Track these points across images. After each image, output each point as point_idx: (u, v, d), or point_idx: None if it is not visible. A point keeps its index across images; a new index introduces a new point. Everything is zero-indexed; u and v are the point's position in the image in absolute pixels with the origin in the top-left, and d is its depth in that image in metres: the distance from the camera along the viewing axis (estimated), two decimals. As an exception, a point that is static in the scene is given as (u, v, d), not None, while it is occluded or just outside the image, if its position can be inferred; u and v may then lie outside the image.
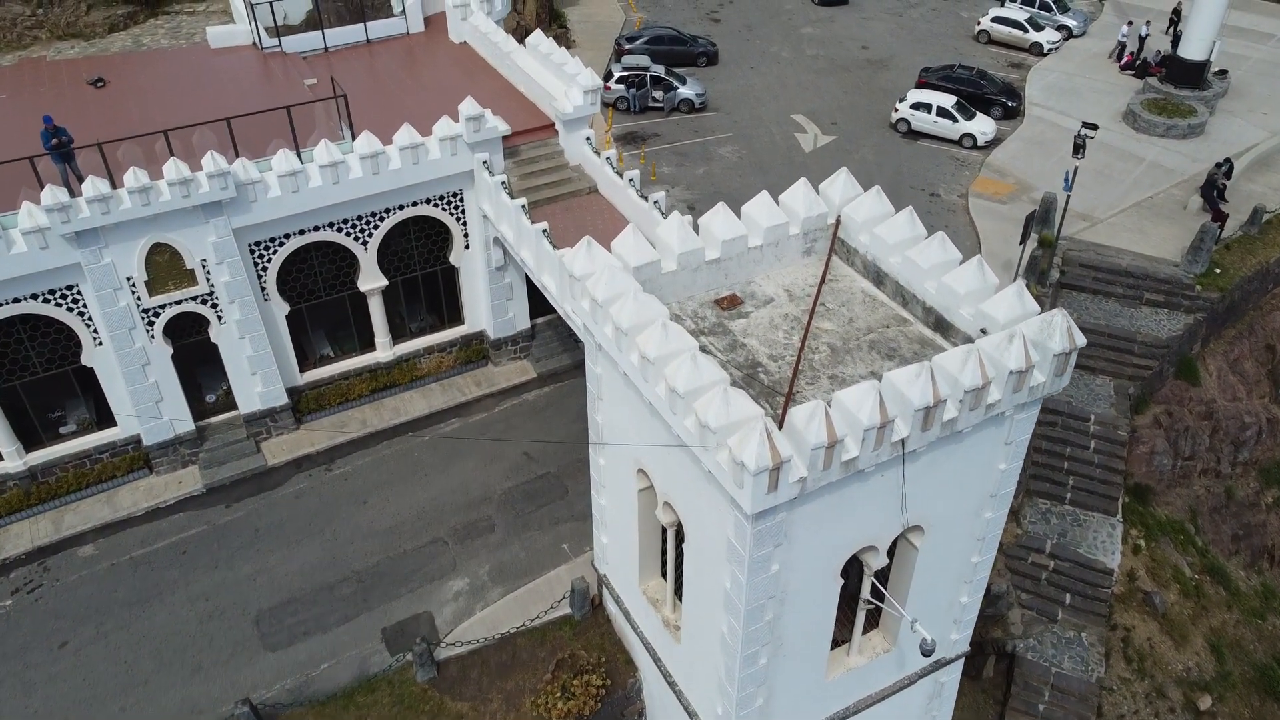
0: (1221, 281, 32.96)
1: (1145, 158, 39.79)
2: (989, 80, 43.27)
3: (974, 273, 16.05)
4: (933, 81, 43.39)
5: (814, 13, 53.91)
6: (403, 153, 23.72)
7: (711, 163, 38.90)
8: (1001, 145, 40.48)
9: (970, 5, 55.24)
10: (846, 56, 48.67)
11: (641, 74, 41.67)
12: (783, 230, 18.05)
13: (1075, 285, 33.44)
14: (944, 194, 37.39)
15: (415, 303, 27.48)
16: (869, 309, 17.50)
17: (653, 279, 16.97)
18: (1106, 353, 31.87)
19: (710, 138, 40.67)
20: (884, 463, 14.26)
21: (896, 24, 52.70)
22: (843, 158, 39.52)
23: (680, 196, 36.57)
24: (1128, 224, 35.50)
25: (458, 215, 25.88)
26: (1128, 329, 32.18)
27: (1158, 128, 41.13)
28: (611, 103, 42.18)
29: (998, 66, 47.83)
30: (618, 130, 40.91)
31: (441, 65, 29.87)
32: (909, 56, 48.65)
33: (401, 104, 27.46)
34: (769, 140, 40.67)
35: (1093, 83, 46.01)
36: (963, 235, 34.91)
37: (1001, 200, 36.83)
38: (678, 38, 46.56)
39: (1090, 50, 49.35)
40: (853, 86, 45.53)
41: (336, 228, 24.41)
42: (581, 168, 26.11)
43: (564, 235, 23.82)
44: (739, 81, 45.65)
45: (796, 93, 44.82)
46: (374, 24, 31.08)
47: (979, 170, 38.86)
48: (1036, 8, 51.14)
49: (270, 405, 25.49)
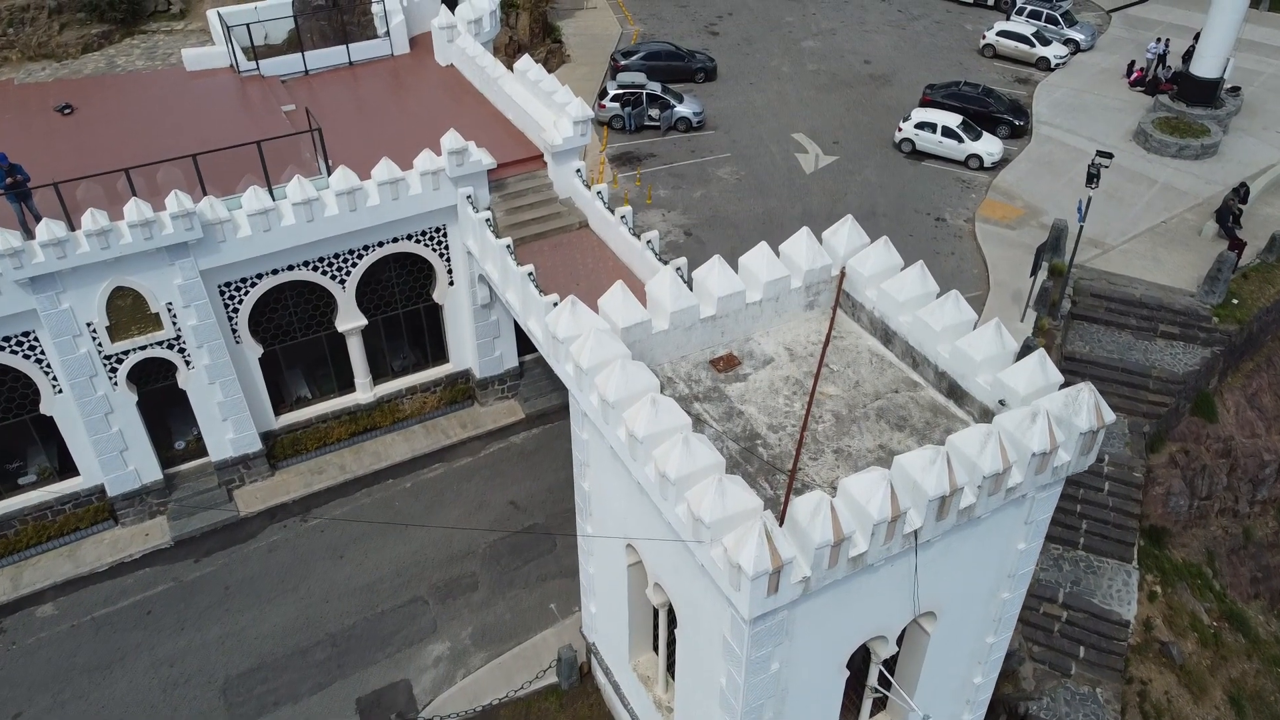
0: (1239, 313, 31.68)
1: (1157, 180, 38.51)
2: (995, 98, 42.00)
3: (991, 338, 14.76)
4: (937, 99, 42.12)
5: (815, 25, 52.64)
6: (381, 188, 22.45)
7: (710, 184, 37.62)
8: (1009, 166, 39.20)
9: (975, 18, 53.98)
10: (848, 71, 47.40)
11: (637, 92, 40.39)
12: (783, 284, 16.78)
13: (1087, 316, 32.15)
14: (950, 218, 36.11)
15: (397, 341, 26.20)
16: (877, 371, 16.21)
17: (643, 340, 15.70)
18: (1120, 389, 30.56)
19: (708, 158, 39.39)
20: (894, 554, 12.98)
21: (899, 37, 51.43)
22: (845, 179, 38.26)
23: (677, 221, 35.30)
24: (1141, 251, 34.22)
25: (441, 251, 24.61)
26: (1142, 363, 30.88)
27: (1170, 148, 39.85)
28: (606, 121, 40.89)
29: (1004, 82, 46.57)
30: (613, 150, 39.64)
31: (427, 90, 28.59)
32: (912, 71, 47.37)
33: (384, 132, 26.20)
34: (769, 161, 39.40)
35: (1102, 99, 44.74)
36: (970, 262, 33.65)
37: (1009, 225, 35.54)
38: (675, 53, 45.28)
39: (1099, 65, 48.07)
40: (855, 103, 44.25)
41: (312, 266, 23.13)
42: (572, 201, 24.83)
43: (552, 275, 22.57)
44: (738, 98, 44.37)
45: (797, 110, 43.54)
46: (357, 46, 29.80)
47: (986, 193, 37.57)
48: (1043, 21, 49.87)
49: (243, 452, 24.20)
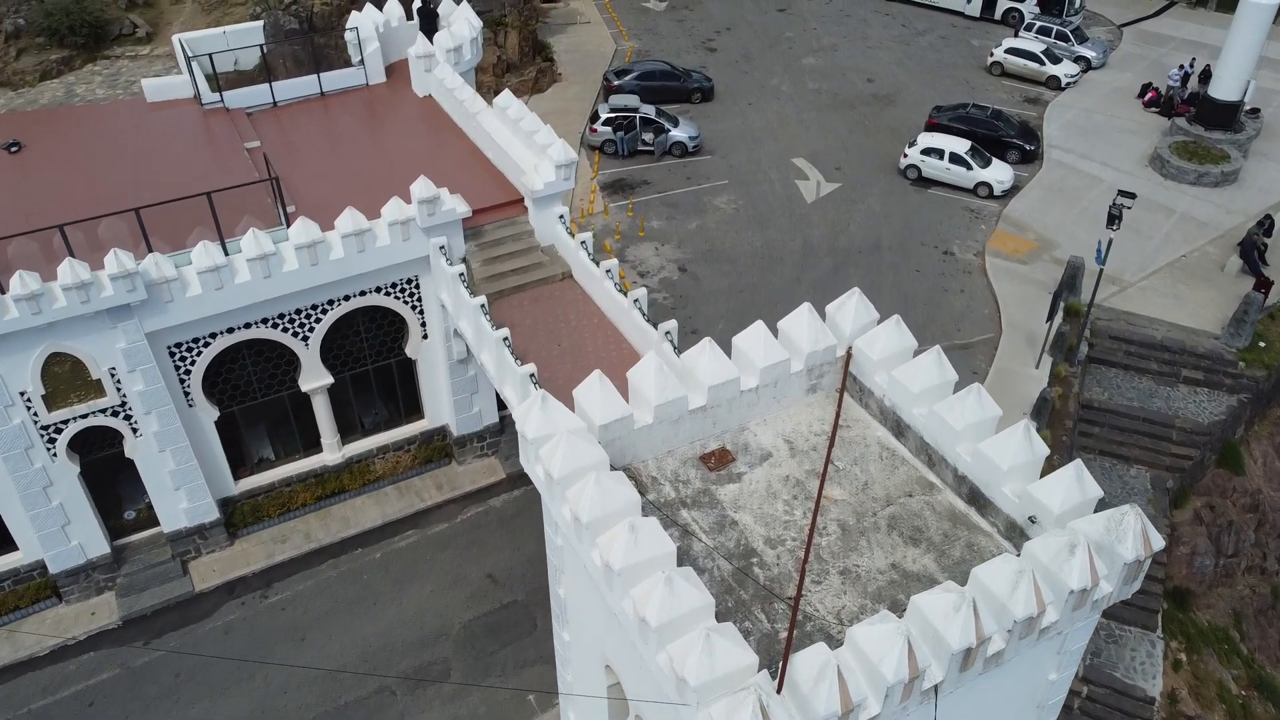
0: (1267, 357, 29.87)
1: (1176, 209, 36.69)
2: (1005, 121, 40.17)
3: (1019, 443, 12.93)
4: (944, 122, 40.29)
5: (816, 40, 50.82)
6: (346, 240, 20.65)
7: (705, 214, 35.80)
8: (1020, 194, 37.37)
9: (981, 33, 52.16)
10: (851, 91, 45.57)
11: (630, 115, 38.58)
12: (782, 369, 14.96)
13: (1105, 360, 30.34)
14: (958, 251, 34.28)
15: (367, 397, 24.39)
16: (888, 468, 14.39)
17: (624, 436, 13.89)
18: (1142, 439, 28.77)
19: (704, 185, 37.58)
20: (910, 709, 11.17)
21: (903, 53, 49.61)
22: (848, 208, 36.44)
23: (671, 255, 33.47)
24: (1161, 288, 32.41)
25: (413, 303, 22.79)
26: (1164, 412, 29.07)
27: (1188, 175, 38.05)
28: (598, 146, 39.09)
29: (1013, 102, 44.76)
30: (604, 177, 37.82)
31: (402, 123, 26.79)
32: (918, 91, 45.56)
33: (355, 170, 24.41)
34: (768, 188, 37.58)
35: (1115, 121, 42.94)
36: (980, 301, 31.82)
37: (1021, 260, 33.72)
38: (670, 73, 43.45)
39: (1112, 84, 46.25)
40: (858, 125, 42.44)
41: (272, 323, 21.32)
42: (555, 249, 23.02)
43: (532, 334, 20.78)
44: (736, 120, 42.55)
45: (798, 132, 41.73)
46: (329, 75, 27.99)
47: (996, 223, 35.76)
48: (1053, 38, 48.04)
49: (199, 522, 22.39)
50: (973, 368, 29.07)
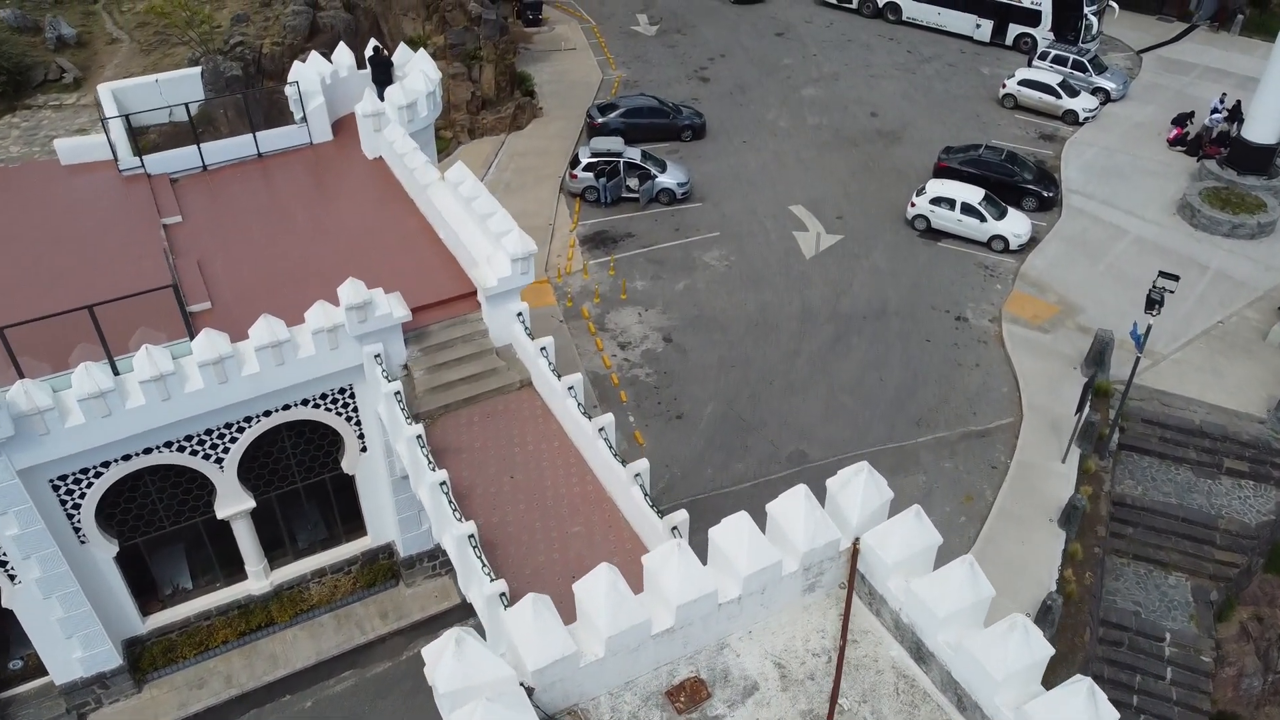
0: (1319, 445, 26.76)
1: (1209, 265, 33.55)
2: (1021, 165, 37.02)
3: (1082, 709, 9.78)
4: (954, 166, 37.16)
5: (816, 68, 47.67)
6: (261, 353, 17.50)
7: (695, 272, 32.66)
8: (1038, 248, 34.23)
9: (992, 59, 49.00)
10: (853, 126, 42.43)
11: (614, 160, 35.44)
12: (772, 572, 11.84)
13: (1138, 447, 27.22)
14: (972, 317, 31.14)
15: (299, 516, 21.26)
16: (905, 707, 11.27)
17: (568, 676, 10.78)
18: (1182, 543, 25.66)
19: (694, 238, 34.44)
20: None
21: (909, 83, 46.44)
22: (850, 265, 33.31)
23: (655, 322, 30.32)
24: (1197, 360, 29.28)
25: (348, 415, 19.67)
26: (1206, 511, 25.96)
27: (1221, 225, 34.91)
28: (579, 193, 35.96)
29: (1027, 139, 41.63)
30: (585, 229, 34.67)
31: (348, 192, 23.68)
32: (925, 126, 42.43)
33: (288, 252, 21.32)
34: (763, 241, 34.44)
35: (1139, 161, 39.80)
36: (998, 377, 28.68)
37: (1042, 327, 30.57)
38: (658, 109, 40.31)
39: (1133, 119, 43.10)
40: (861, 166, 39.30)
41: (178, 447, 18.20)
42: (512, 350, 19.90)
43: (482, 462, 17.69)
44: (729, 160, 39.42)
45: (796, 175, 38.60)
46: (268, 134, 24.88)
47: (1013, 282, 32.62)
48: (1069, 67, 44.88)
49: (97, 670, 19.26)
50: (991, 460, 25.93)
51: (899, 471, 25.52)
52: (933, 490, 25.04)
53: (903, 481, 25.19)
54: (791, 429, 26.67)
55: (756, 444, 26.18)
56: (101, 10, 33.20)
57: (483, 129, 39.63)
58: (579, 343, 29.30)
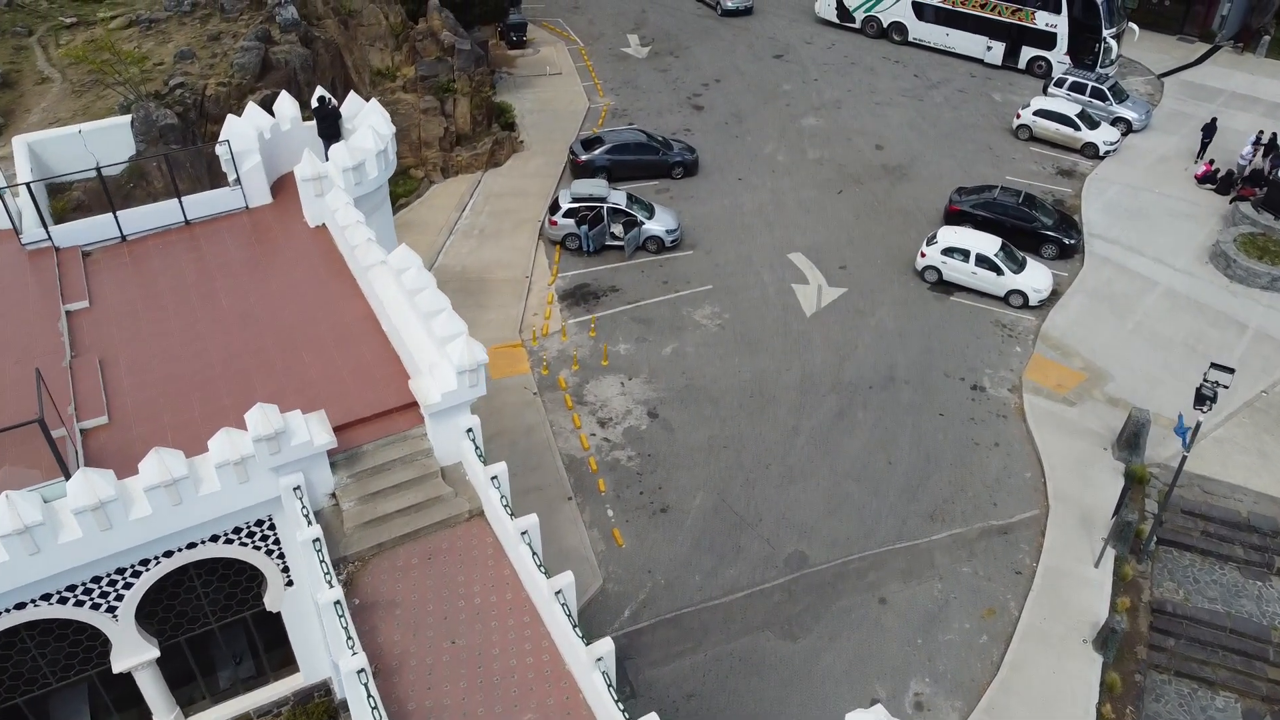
0: (1383, 543, 23.85)
1: (1248, 324, 30.64)
2: (1040, 209, 34.08)
3: None
4: (967, 209, 34.25)
5: (817, 95, 44.74)
6: (153, 494, 14.60)
7: (684, 333, 29.74)
8: (1059, 303, 31.31)
9: (1003, 84, 46.10)
10: (857, 160, 39.51)
11: (597, 205, 32.54)
12: None
13: (1179, 543, 24.32)
14: (989, 385, 28.21)
15: (218, 657, 18.34)
16: None
17: None
18: (1229, 658, 22.72)
19: (684, 292, 31.51)
20: None
21: (916, 111, 43.51)
22: (855, 324, 30.39)
23: (640, 394, 27.40)
24: (1241, 440, 26.37)
25: (269, 548, 16.76)
26: (1257, 622, 23.05)
27: (1260, 278, 32.00)
28: (559, 241, 33.05)
29: (1044, 175, 38.74)
30: (565, 282, 31.73)
31: (285, 267, 20.78)
32: (934, 160, 39.51)
33: (208, 348, 18.41)
34: (760, 295, 31.52)
35: (1165, 200, 36.90)
36: (1019, 460, 25.75)
37: (1067, 399, 27.65)
38: (647, 144, 37.38)
39: (1157, 152, 40.20)
40: (865, 207, 36.38)
41: (58, 599, 15.29)
42: (461, 471, 17.00)
43: (418, 620, 14.87)
44: (723, 200, 36.50)
45: (795, 217, 35.68)
46: (197, 199, 21.99)
47: (1033, 344, 29.69)
48: (1088, 95, 41.97)
49: None
50: (1015, 564, 23.00)
51: (912, 578, 22.60)
52: (949, 601, 22.11)
53: (916, 591, 22.28)
54: (790, 525, 23.74)
55: (750, 544, 23.26)
56: (35, 45, 30.32)
57: (457, 167, 36.72)
58: (554, 419, 26.39)
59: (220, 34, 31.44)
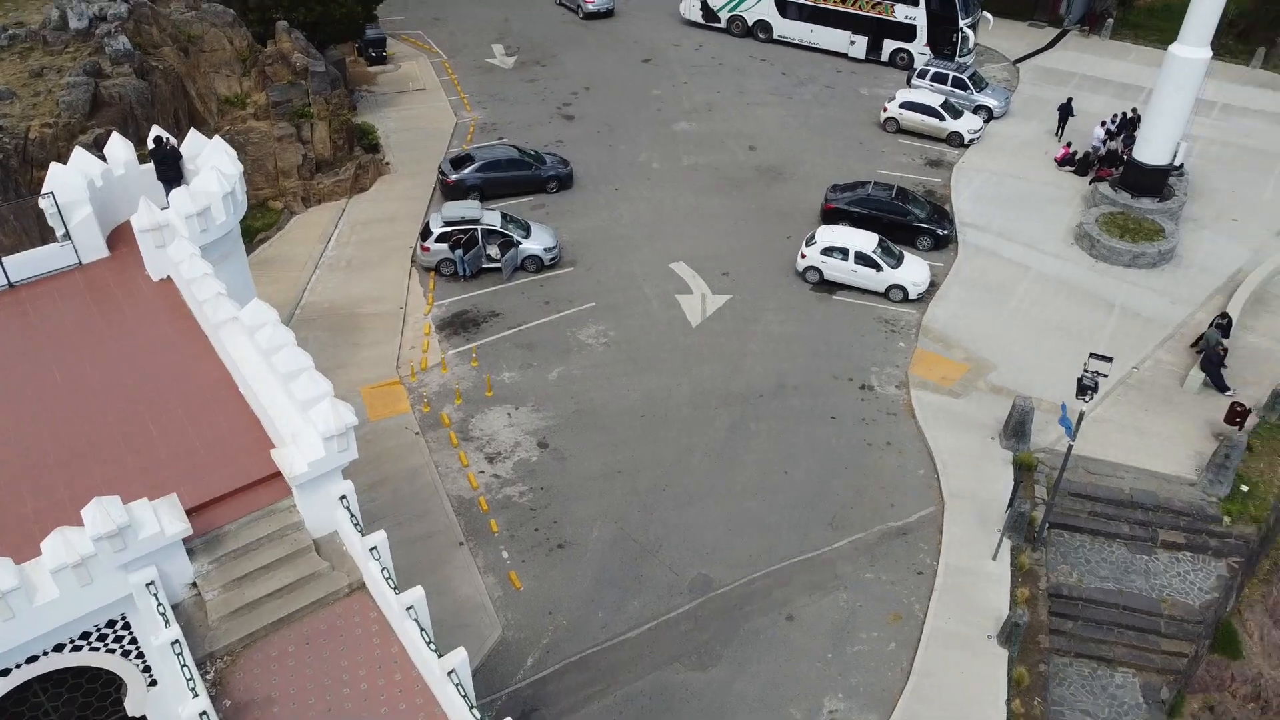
0: (1255, 507, 24.85)
1: (1114, 301, 31.65)
2: (913, 202, 34.54)
3: None
4: (842, 206, 34.46)
5: (688, 98, 44.47)
6: (-22, 610, 13.00)
7: (571, 356, 28.91)
8: (938, 295, 31.73)
9: (869, 79, 46.74)
10: (732, 164, 39.36)
11: (470, 228, 31.39)
12: None
13: (1068, 525, 24.82)
14: (878, 384, 28.32)
15: (80, 768, 16.64)
16: None
17: None
18: (1126, 634, 23.32)
19: (568, 311, 30.68)
20: None
21: (787, 110, 43.70)
22: (742, 331, 30.12)
23: (528, 424, 26.46)
24: (1118, 419, 27.11)
25: (125, 649, 15.22)
26: (1147, 595, 23.71)
27: (1122, 255, 33.13)
28: (433, 268, 31.77)
29: (914, 166, 39.35)
30: (443, 311, 30.49)
31: (126, 328, 19.05)
32: (808, 159, 39.68)
33: (35, 430, 16.63)
34: (644, 309, 30.94)
35: (1030, 186, 37.93)
36: (913, 458, 25.86)
37: (953, 391, 27.97)
38: (519, 160, 36.37)
39: (1018, 137, 41.35)
40: (744, 211, 36.22)
41: (-122, 736, 13.50)
42: (338, 541, 15.81)
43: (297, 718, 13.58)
44: (601, 214, 35.81)
45: (675, 225, 35.25)
46: (21, 258, 20.00)
47: (916, 338, 29.97)
48: (949, 85, 42.88)
49: None
50: (916, 565, 23.03)
51: (817, 590, 22.37)
52: (856, 611, 21.95)
53: (822, 604, 22.05)
54: (692, 548, 23.23)
55: (653, 572, 22.64)
56: None
57: (320, 195, 34.97)
58: (440, 459, 25.22)
59: (44, 69, 28.98)
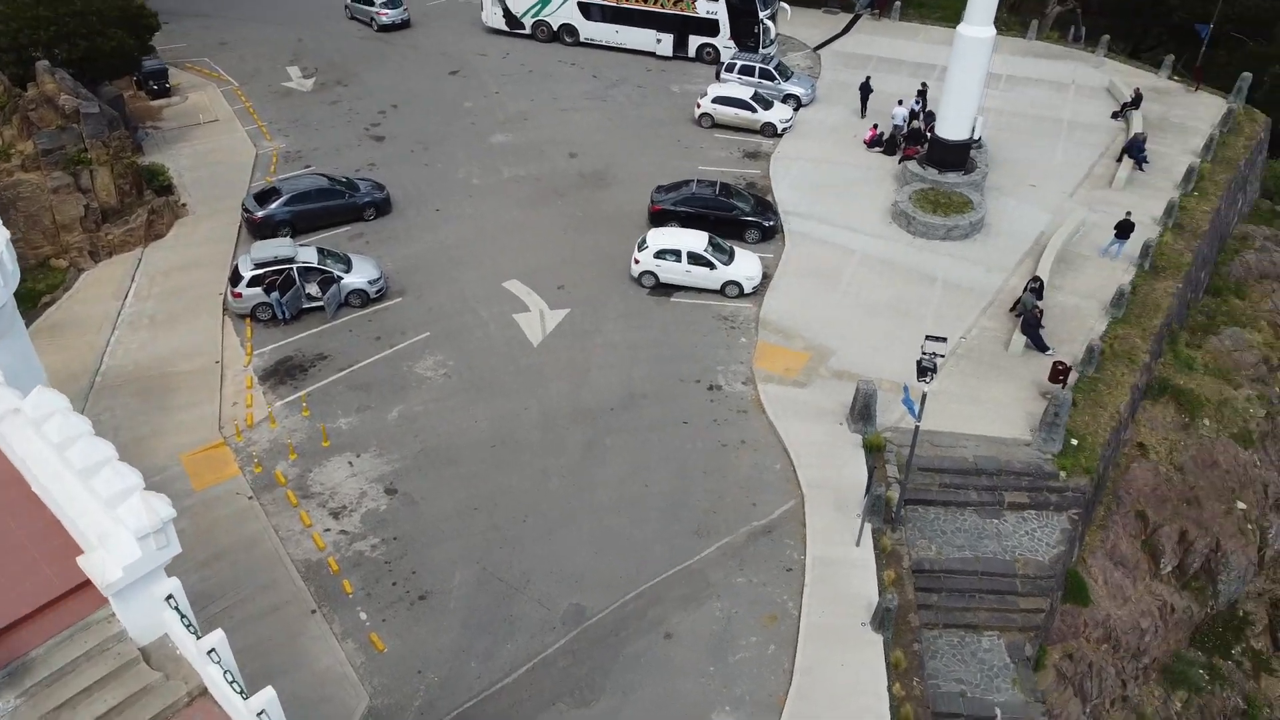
0: (1085, 459, 26.28)
1: (936, 275, 32.92)
2: (737, 196, 34.85)
3: None
4: (668, 207, 34.39)
5: (502, 109, 43.42)
6: None
7: (410, 393, 27.51)
8: (771, 287, 32.10)
9: (679, 75, 47.03)
10: (554, 172, 38.67)
11: (285, 267, 29.40)
12: None
13: (921, 500, 25.54)
14: (725, 382, 28.34)
15: None
16: None
17: None
18: (987, 600, 24.22)
19: (401, 345, 29.21)
20: None
21: (602, 113, 43.37)
22: (584, 344, 29.52)
23: (372, 472, 24.96)
24: (953, 390, 28.12)
25: (-77, 811, 13.10)
26: (1001, 558, 24.68)
27: (937, 230, 34.53)
28: (248, 314, 29.58)
29: (733, 160, 39.81)
30: (264, 360, 28.41)
31: (-117, 433, 16.51)
32: (630, 161, 39.46)
33: None
34: (483, 334, 29.85)
35: (845, 170, 39.02)
36: (767, 453, 25.97)
37: (798, 382, 28.32)
38: (330, 189, 34.39)
39: (828, 123, 42.53)
40: (573, 221, 35.60)
41: None
42: (169, 645, 14.15)
43: None
44: (425, 237, 34.37)
45: (503, 241, 34.25)
46: None
47: (756, 332, 30.20)
48: (757, 77, 43.65)
49: None
50: (785, 561, 23.08)
51: (691, 603, 22.06)
52: (732, 618, 21.77)
53: (698, 616, 21.75)
54: (561, 578, 22.46)
55: (524, 610, 21.73)
56: None
57: (110, 247, 31.97)
58: (279, 522, 23.41)
59: None
